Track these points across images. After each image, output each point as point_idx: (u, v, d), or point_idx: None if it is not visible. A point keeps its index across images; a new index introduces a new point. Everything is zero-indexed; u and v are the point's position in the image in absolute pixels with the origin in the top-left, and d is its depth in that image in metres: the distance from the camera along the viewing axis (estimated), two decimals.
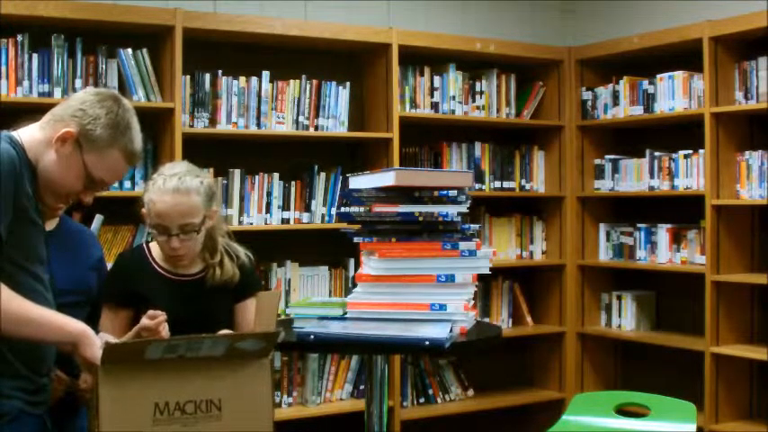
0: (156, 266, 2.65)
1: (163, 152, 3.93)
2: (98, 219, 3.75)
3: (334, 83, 4.32)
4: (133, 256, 2.73)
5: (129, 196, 3.86)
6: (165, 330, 2.38)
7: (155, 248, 2.66)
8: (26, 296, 1.91)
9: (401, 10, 4.72)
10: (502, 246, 4.90)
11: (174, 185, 2.52)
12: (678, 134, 4.60)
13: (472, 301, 2.53)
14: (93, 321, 2.47)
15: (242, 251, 2.73)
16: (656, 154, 4.59)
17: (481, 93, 4.78)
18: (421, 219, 2.44)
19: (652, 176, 4.60)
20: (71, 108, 2.03)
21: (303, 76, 4.27)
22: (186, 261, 2.63)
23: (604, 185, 4.87)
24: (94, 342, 1.94)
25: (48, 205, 2.08)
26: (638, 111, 4.64)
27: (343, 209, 2.59)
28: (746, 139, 4.29)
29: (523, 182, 4.96)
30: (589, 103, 4.90)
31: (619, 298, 4.87)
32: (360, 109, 4.53)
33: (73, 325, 1.95)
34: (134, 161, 2.12)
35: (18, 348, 1.94)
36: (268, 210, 4.20)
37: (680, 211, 4.57)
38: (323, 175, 4.33)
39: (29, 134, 2.04)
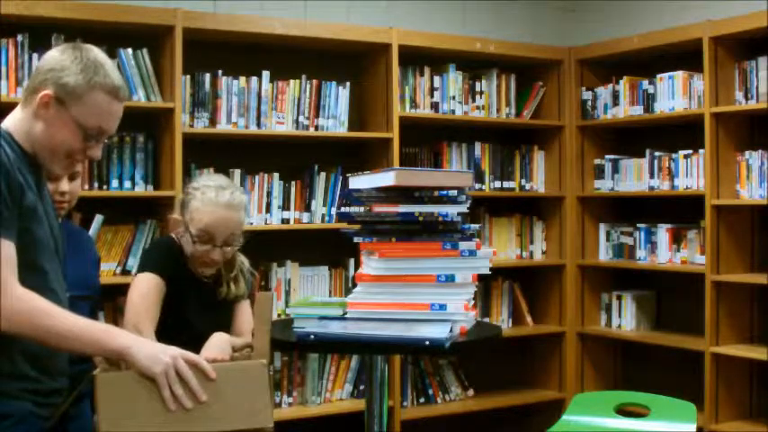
0: (185, 262, 2.70)
1: (163, 152, 3.94)
2: (98, 219, 3.75)
3: (334, 83, 4.33)
4: (176, 244, 2.72)
5: (129, 196, 3.87)
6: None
7: (184, 244, 2.70)
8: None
9: (401, 10, 4.72)
10: (502, 246, 4.90)
11: (228, 200, 2.59)
12: (678, 134, 4.60)
13: (472, 301, 2.52)
14: (95, 314, 2.53)
15: (246, 263, 2.81)
16: (656, 154, 4.59)
17: (481, 93, 4.78)
18: (421, 219, 2.43)
19: (652, 176, 4.60)
20: (39, 74, 2.01)
21: (303, 76, 4.27)
22: (214, 269, 2.68)
23: (604, 185, 4.87)
24: (139, 356, 1.91)
25: (58, 173, 2.08)
26: (638, 111, 4.64)
27: (343, 209, 2.59)
28: (746, 139, 4.29)
29: (523, 182, 4.96)
30: (589, 103, 4.90)
31: (619, 298, 4.87)
32: (360, 109, 4.54)
33: (116, 342, 1.92)
34: (121, 95, 2.06)
35: (26, 350, 1.92)
36: (268, 210, 4.20)
37: (680, 211, 4.57)
38: (323, 175, 4.33)
39: (12, 118, 2.02)
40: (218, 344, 2.56)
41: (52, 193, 2.42)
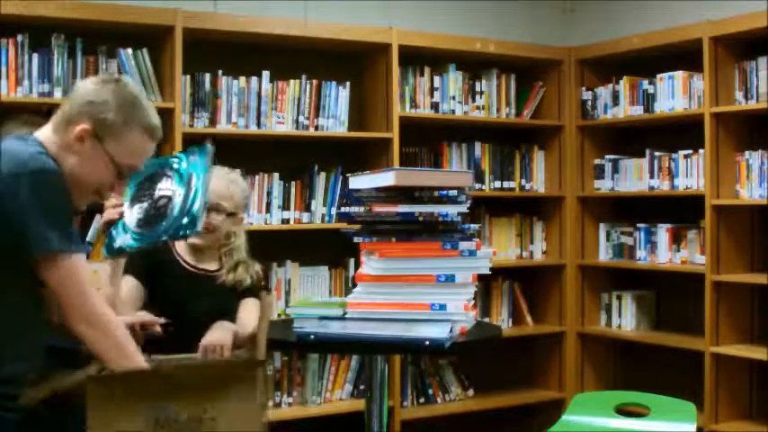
0: (177, 257, 2.86)
1: (163, 152, 3.93)
2: (98, 219, 3.74)
3: (334, 83, 4.33)
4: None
5: None
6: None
7: (178, 243, 2.87)
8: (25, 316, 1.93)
9: (401, 10, 4.72)
10: (502, 246, 4.90)
11: (225, 171, 2.89)
12: (678, 134, 4.60)
13: (472, 301, 2.52)
14: None
15: (257, 264, 2.99)
16: (656, 154, 4.59)
17: (481, 93, 4.78)
18: (421, 219, 2.43)
19: (652, 176, 4.60)
20: (77, 104, 1.99)
21: (303, 76, 4.27)
22: (212, 239, 2.85)
23: (604, 185, 4.87)
24: None
25: (80, 207, 2.08)
26: (638, 111, 4.64)
27: (343, 209, 2.59)
28: (746, 139, 4.29)
29: (523, 182, 4.96)
30: (589, 103, 4.90)
31: (619, 298, 4.87)
32: (360, 109, 4.53)
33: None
34: (156, 135, 2.07)
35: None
36: (268, 210, 4.20)
37: (680, 211, 4.57)
38: (323, 175, 4.33)
39: (47, 139, 2.00)
40: (220, 331, 2.67)
41: None
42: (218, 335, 2.65)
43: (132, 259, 2.70)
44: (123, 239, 2.40)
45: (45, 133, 2.02)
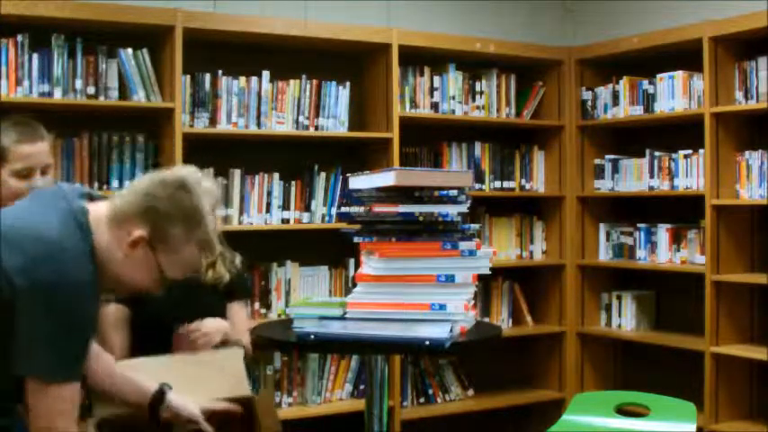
0: None
1: (163, 152, 3.94)
2: None
3: (334, 83, 4.33)
4: None
5: None
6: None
7: None
8: None
9: (401, 10, 4.72)
10: (502, 246, 4.90)
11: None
12: (678, 134, 4.60)
13: (472, 301, 2.52)
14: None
15: (237, 257, 2.94)
16: (656, 154, 4.59)
17: (481, 93, 4.78)
18: (421, 219, 2.43)
19: (652, 176, 4.60)
20: (137, 204, 1.88)
21: (303, 76, 4.27)
22: None
23: (604, 185, 4.87)
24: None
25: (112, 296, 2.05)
26: (638, 111, 4.64)
27: (343, 209, 2.59)
28: (746, 139, 4.29)
29: (523, 182, 4.96)
30: (589, 103, 4.90)
31: (619, 298, 4.87)
32: (360, 109, 4.53)
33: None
34: (209, 250, 1.97)
35: None
36: (268, 210, 4.20)
37: (680, 211, 4.57)
38: (323, 175, 4.33)
39: (98, 226, 1.88)
40: (214, 324, 2.71)
41: (24, 190, 2.39)
42: (211, 326, 2.70)
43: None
44: None
45: (98, 216, 1.90)
